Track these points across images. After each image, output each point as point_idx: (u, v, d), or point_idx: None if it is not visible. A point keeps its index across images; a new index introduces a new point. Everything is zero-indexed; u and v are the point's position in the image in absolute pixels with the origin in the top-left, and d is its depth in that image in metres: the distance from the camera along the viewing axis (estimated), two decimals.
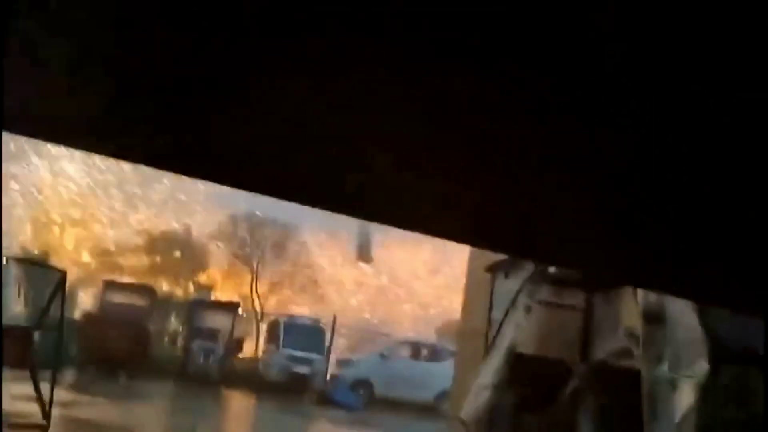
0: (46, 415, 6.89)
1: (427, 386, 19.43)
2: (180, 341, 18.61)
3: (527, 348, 6.45)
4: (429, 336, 22.83)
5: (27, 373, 7.05)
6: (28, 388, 7.23)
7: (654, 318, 4.55)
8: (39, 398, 6.87)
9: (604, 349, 6.60)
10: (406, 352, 20.14)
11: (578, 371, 6.13)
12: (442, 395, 19.60)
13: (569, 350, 6.62)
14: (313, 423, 14.09)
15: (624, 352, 6.59)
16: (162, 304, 20.12)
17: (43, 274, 8.20)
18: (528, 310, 6.08)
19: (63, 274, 7.25)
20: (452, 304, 26.59)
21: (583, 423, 4.92)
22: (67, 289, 7.20)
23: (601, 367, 5.48)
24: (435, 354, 20.21)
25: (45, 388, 7.04)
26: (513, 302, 5.99)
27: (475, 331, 10.36)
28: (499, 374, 6.17)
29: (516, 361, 6.27)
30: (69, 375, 12.10)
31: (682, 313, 4.36)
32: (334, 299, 25.79)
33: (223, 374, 18.07)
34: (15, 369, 7.29)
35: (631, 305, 6.40)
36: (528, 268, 6.20)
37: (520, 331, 6.26)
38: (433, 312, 26.92)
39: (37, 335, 7.29)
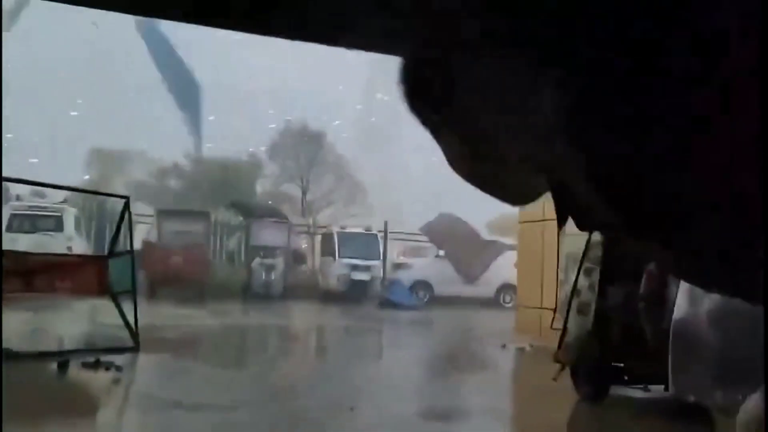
0: (135, 337, 7.15)
1: (486, 281, 19.68)
2: (240, 261, 19.05)
3: None
4: (483, 232, 22.86)
5: (108, 301, 7.26)
6: (112, 315, 7.48)
7: None
8: (126, 323, 7.10)
9: None
10: None
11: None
12: (503, 288, 19.88)
13: None
14: (378, 326, 14.43)
15: None
16: (218, 227, 20.51)
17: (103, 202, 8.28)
18: None
19: (127, 200, 7.32)
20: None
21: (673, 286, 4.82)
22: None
23: None
24: (492, 250, 20.27)
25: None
26: None
27: (533, 219, 10.26)
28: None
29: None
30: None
31: None
32: (384, 207, 25.89)
33: (286, 288, 18.57)
34: (96, 297, 7.53)
35: None
36: None
37: None
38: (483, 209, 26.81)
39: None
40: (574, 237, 6.48)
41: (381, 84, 37.76)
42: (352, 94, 36.32)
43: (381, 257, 19.60)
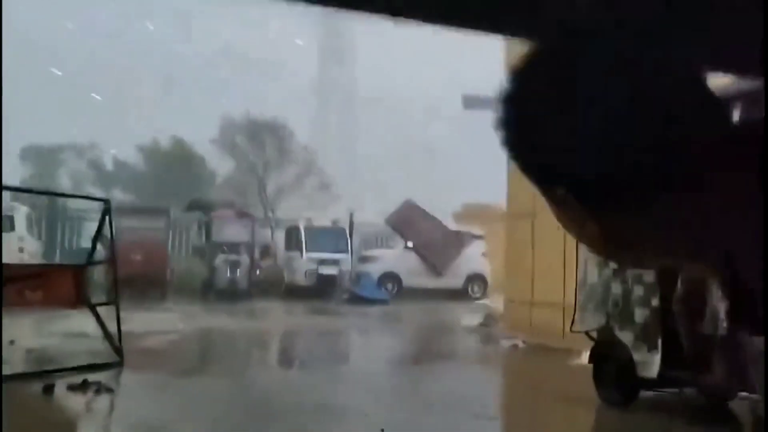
0: (118, 350, 6.60)
1: (455, 272, 19.54)
2: (203, 258, 18.38)
3: None
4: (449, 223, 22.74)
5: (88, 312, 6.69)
6: (92, 326, 6.91)
7: None
8: (108, 336, 6.55)
9: None
10: None
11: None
12: (471, 279, 19.77)
13: None
14: (346, 321, 14.10)
15: None
16: (177, 223, 19.77)
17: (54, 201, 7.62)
18: None
19: (107, 204, 6.73)
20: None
21: (714, 289, 4.60)
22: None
23: None
24: (459, 240, 20.13)
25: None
26: None
27: (522, 214, 10.04)
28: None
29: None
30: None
31: None
32: (349, 198, 25.53)
33: (251, 285, 18.03)
34: (72, 308, 6.94)
35: None
36: None
37: None
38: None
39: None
40: None
41: (337, 70, 37.30)
42: (311, 81, 35.64)
43: (349, 251, 19.22)
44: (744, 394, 5.32)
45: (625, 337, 5.41)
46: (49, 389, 5.29)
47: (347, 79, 36.61)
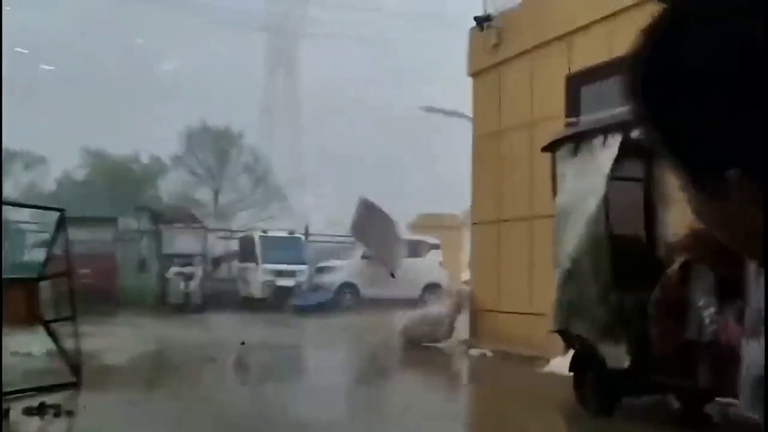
0: (76, 370, 6.22)
1: (412, 282, 19.46)
2: (154, 270, 17.82)
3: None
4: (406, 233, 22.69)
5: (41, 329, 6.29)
6: (37, 345, 6.52)
7: None
8: (64, 354, 6.17)
9: (669, 219, 6.25)
10: None
11: (668, 244, 5.80)
12: (429, 288, 19.73)
13: (634, 225, 6.29)
14: (304, 332, 13.85)
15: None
16: (126, 235, 19.16)
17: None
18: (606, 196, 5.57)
19: (62, 214, 6.34)
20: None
21: (697, 297, 4.60)
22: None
23: (698, 235, 5.12)
24: (415, 250, 20.09)
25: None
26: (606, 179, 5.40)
27: (489, 220, 10.04)
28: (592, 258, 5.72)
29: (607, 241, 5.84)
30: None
31: None
32: (302, 208, 25.22)
33: (205, 297, 17.56)
34: (25, 326, 6.53)
35: None
36: (595, 143, 5.68)
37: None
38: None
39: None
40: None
41: (287, 80, 36.97)
42: (259, 91, 35.18)
43: (306, 261, 18.95)
44: (721, 398, 5.38)
45: (591, 333, 5.39)
46: (5, 414, 4.92)
47: (297, 89, 36.29)
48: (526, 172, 8.78)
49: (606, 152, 5.36)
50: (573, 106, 8.58)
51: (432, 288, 19.75)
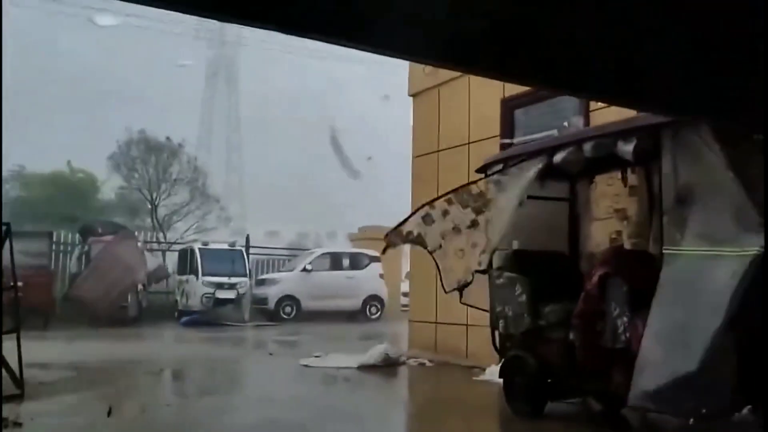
0: (18, 383, 6.25)
1: (353, 294, 19.75)
2: None
3: (524, 243, 6.55)
4: (346, 246, 22.98)
5: None
6: None
7: (682, 199, 4.67)
8: (6, 367, 6.19)
9: (591, 235, 6.79)
10: (326, 263, 20.17)
11: (590, 259, 6.31)
12: (369, 300, 20.06)
13: (559, 241, 6.79)
14: (243, 346, 13.94)
15: (613, 238, 6.82)
16: (64, 247, 18.78)
17: None
18: (520, 205, 6.11)
19: (8, 227, 6.37)
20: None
21: (613, 306, 5.07)
22: None
23: (615, 251, 5.62)
24: (356, 262, 20.40)
25: None
26: (519, 199, 5.96)
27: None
28: (506, 268, 6.23)
29: (519, 256, 6.35)
30: None
31: (716, 192, 4.49)
32: (241, 220, 25.16)
33: (141, 310, 17.39)
34: None
35: (618, 188, 6.59)
36: (521, 165, 6.18)
37: (515, 226, 6.31)
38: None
39: None
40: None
41: (229, 93, 36.80)
42: (200, 102, 34.91)
43: (246, 273, 18.97)
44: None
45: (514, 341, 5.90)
46: None
47: (235, 101, 36.17)
48: None
49: (527, 173, 5.86)
50: (507, 128, 9.10)
51: (372, 300, 20.09)
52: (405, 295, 17.17)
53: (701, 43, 1.12)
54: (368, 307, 20.10)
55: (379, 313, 20.04)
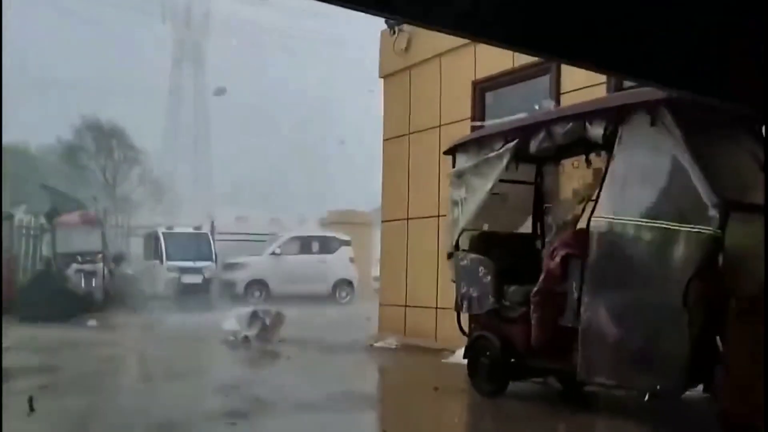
0: None
1: (322, 278, 19.65)
2: (54, 267, 17.10)
3: (492, 225, 6.56)
4: (316, 229, 22.84)
5: None
6: None
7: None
8: None
9: (556, 217, 6.81)
10: (296, 247, 20.04)
11: (550, 239, 6.31)
12: (339, 284, 19.99)
13: (523, 222, 6.82)
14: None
15: (575, 218, 6.83)
16: (21, 230, 18.28)
17: None
18: (488, 189, 6.11)
19: None
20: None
21: (574, 286, 5.10)
22: None
23: (577, 233, 5.62)
24: (325, 246, 20.30)
25: None
26: (490, 183, 5.96)
27: (396, 218, 10.38)
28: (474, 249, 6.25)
29: (484, 238, 6.36)
30: None
31: (674, 173, 4.54)
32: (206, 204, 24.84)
33: (108, 296, 17.05)
34: None
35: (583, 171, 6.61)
36: (485, 149, 6.18)
37: (484, 209, 6.33)
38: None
39: None
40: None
41: (192, 72, 36.16)
42: (158, 86, 34.25)
43: (213, 258, 18.74)
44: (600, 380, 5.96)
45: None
46: None
47: (201, 82, 35.58)
48: (433, 173, 9.19)
49: (499, 156, 5.86)
50: (478, 111, 9.06)
51: (342, 284, 20.03)
52: (377, 279, 17.14)
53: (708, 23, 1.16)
54: (338, 290, 20.03)
55: (349, 296, 19.99)
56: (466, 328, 6.40)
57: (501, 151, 5.94)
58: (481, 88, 9.05)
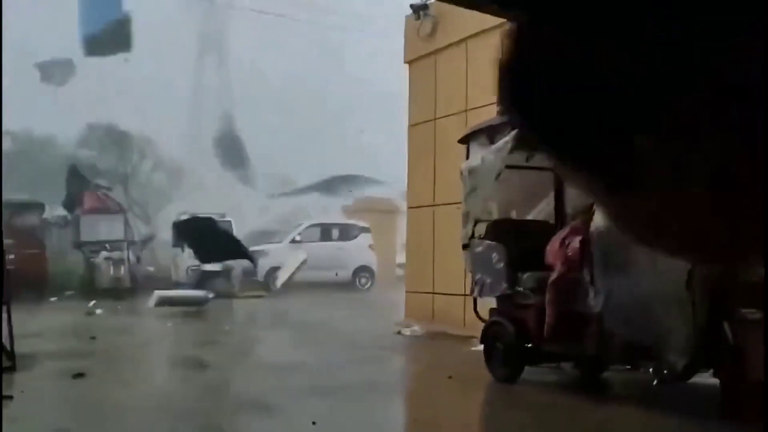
0: (10, 355, 6.13)
1: (342, 265, 19.69)
2: (83, 255, 17.35)
3: (504, 212, 6.54)
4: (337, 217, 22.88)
5: None
6: None
7: None
8: None
9: (574, 205, 6.71)
10: (316, 235, 20.09)
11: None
12: (359, 271, 20.02)
13: (543, 211, 6.74)
14: (236, 316, 13.87)
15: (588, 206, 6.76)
16: (54, 220, 18.57)
17: None
18: (499, 176, 6.07)
19: None
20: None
21: (590, 273, 5.06)
22: None
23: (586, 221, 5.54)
24: (345, 233, 20.33)
25: None
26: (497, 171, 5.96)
27: (423, 204, 10.33)
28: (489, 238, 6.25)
29: (499, 226, 6.33)
30: None
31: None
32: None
33: (137, 282, 17.27)
34: None
35: None
36: (499, 136, 6.11)
37: (496, 196, 6.32)
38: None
39: None
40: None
41: (218, 60, 36.23)
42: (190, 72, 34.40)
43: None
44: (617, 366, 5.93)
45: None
46: None
47: (228, 69, 35.63)
48: (460, 159, 9.07)
49: (506, 143, 5.81)
50: None
51: (362, 270, 20.05)
52: (400, 266, 17.10)
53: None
54: (358, 278, 20.06)
55: (369, 283, 20.01)
56: (485, 316, 6.37)
57: (507, 138, 5.86)
58: None
